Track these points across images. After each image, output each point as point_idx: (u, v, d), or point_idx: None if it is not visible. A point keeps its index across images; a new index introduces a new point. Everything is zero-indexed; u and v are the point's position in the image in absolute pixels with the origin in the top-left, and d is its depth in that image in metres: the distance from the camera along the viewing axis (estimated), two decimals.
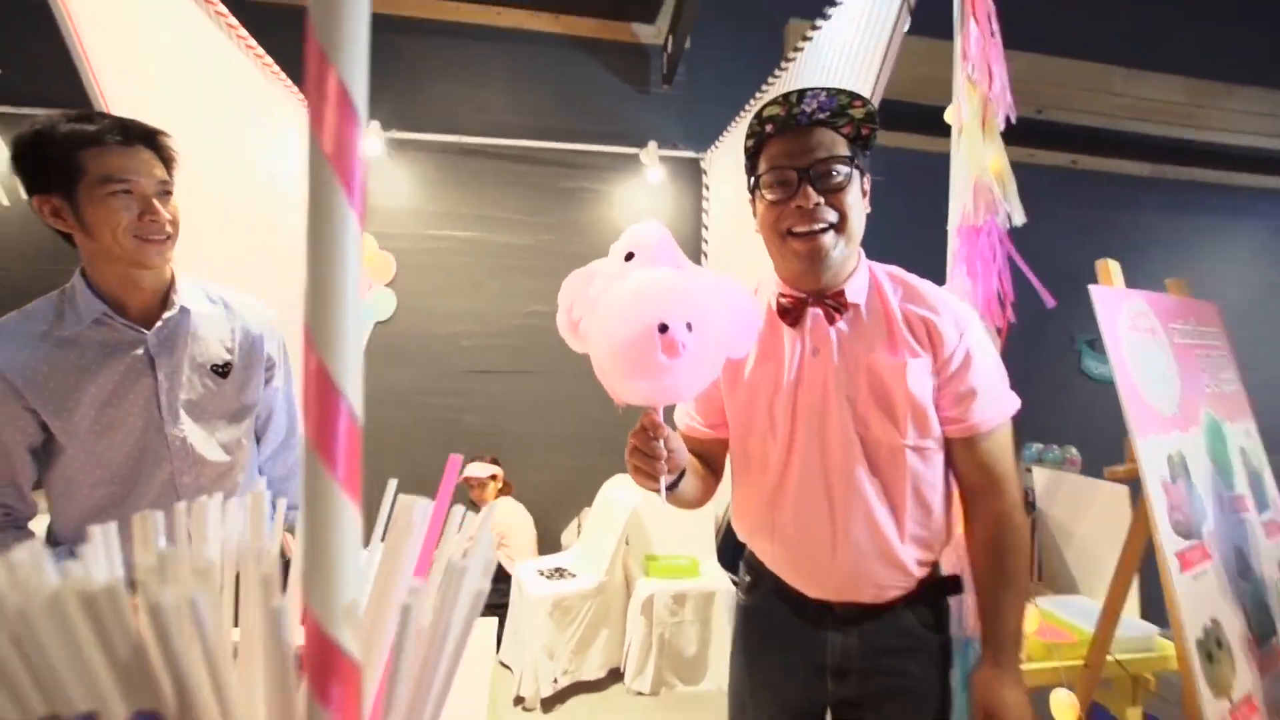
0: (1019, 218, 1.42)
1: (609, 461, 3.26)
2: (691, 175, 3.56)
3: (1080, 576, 1.97)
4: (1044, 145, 4.08)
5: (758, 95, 3.00)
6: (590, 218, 3.47)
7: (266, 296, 1.44)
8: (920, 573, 1.00)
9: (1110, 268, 1.25)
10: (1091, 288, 1.19)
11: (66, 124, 1.03)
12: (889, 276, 1.03)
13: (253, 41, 2.40)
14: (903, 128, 3.52)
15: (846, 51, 2.09)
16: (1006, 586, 0.96)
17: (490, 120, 3.36)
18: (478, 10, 3.33)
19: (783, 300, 1.01)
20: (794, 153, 0.93)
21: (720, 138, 3.27)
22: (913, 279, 1.02)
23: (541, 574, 2.75)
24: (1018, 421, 0.99)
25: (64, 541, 1.12)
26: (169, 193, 1.10)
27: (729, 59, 3.49)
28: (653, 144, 3.36)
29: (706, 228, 3.54)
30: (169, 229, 1.09)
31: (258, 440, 1.32)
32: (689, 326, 0.76)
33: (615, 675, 2.68)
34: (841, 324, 0.98)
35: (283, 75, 2.64)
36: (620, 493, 2.94)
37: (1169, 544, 1.10)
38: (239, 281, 2.19)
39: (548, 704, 2.50)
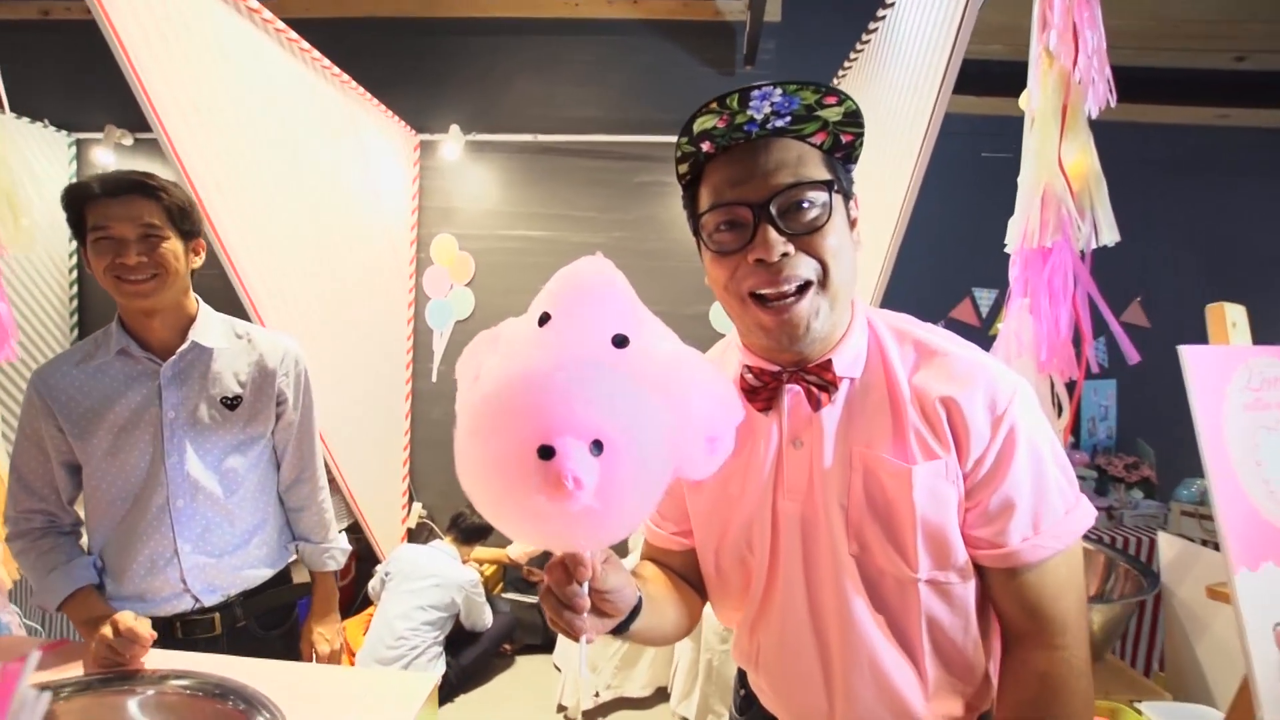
0: (1108, 235, 1.08)
1: None
2: None
3: (1214, 678, 1.54)
4: (1244, 101, 3.21)
5: (841, 73, 2.66)
6: (666, 213, 3.32)
7: (322, 319, 1.46)
8: None
9: (1226, 315, 0.89)
10: (1183, 349, 0.85)
11: (76, 185, 1.15)
12: (896, 335, 0.75)
13: (328, 62, 2.53)
14: None
15: (923, 12, 1.74)
16: None
17: (565, 116, 3.30)
18: (555, 4, 3.27)
19: (749, 377, 0.76)
20: (743, 178, 0.68)
21: None
22: (931, 337, 0.74)
23: None
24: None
25: (93, 550, 1.25)
26: (155, 237, 1.16)
27: (820, 31, 3.12)
28: None
29: None
30: (149, 270, 1.15)
31: (278, 470, 1.38)
32: (596, 445, 0.51)
33: (662, 695, 2.60)
34: (832, 405, 0.73)
35: (358, 86, 2.77)
36: None
37: None
38: (301, 301, 2.34)
39: (589, 716, 2.48)
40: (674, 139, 0.72)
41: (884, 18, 2.12)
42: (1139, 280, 3.19)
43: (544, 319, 0.59)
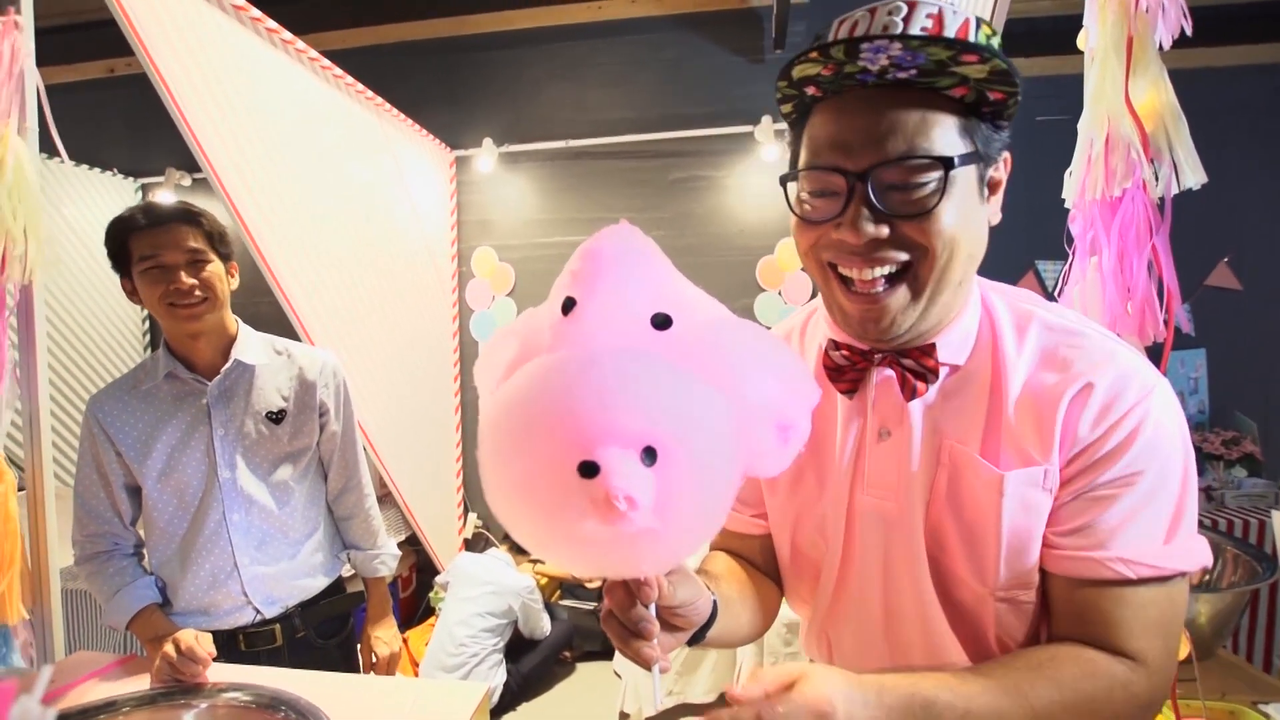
0: (1192, 176, 0.96)
1: None
2: None
3: None
4: None
5: None
6: (703, 208, 3.26)
7: (370, 337, 1.47)
8: None
9: None
10: None
11: (120, 218, 1.20)
12: (1015, 318, 0.64)
13: (362, 87, 2.60)
14: None
15: None
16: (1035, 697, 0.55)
17: (596, 120, 3.30)
18: (579, 9, 3.27)
19: (836, 355, 0.67)
20: (846, 140, 0.57)
21: None
22: (1059, 320, 0.63)
23: None
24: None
25: (154, 569, 1.29)
26: (201, 261, 1.21)
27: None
28: (766, 118, 3.03)
29: None
30: (198, 294, 1.19)
31: (325, 482, 1.40)
32: (648, 454, 0.43)
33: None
34: (930, 393, 0.64)
35: (393, 109, 2.84)
36: None
37: None
38: (347, 319, 2.40)
39: None
40: (706, 132, 0.66)
41: None
42: (1228, 238, 2.92)
43: (568, 305, 0.50)
